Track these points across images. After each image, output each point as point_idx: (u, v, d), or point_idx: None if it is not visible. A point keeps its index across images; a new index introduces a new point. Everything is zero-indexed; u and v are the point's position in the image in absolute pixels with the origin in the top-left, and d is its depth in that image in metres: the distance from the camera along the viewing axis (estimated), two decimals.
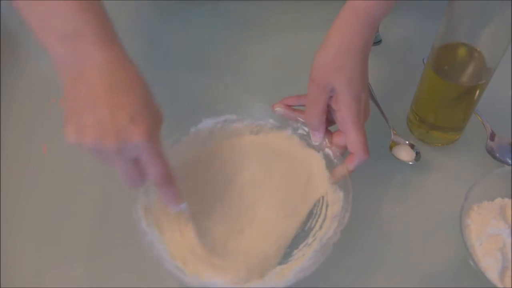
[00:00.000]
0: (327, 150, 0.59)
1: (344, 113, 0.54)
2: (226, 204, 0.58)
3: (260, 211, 0.58)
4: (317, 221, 0.57)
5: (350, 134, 0.54)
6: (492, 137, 0.64)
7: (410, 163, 0.62)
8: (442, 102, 0.60)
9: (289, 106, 0.61)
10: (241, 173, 0.60)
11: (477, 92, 0.57)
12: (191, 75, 0.73)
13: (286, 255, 0.55)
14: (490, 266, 0.51)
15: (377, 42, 0.75)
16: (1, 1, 0.81)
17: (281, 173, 0.60)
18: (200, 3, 0.82)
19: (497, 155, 0.63)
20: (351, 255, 0.55)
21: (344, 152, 0.58)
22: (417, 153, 0.63)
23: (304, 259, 0.53)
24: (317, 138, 0.58)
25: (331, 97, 0.55)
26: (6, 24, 0.81)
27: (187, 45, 0.77)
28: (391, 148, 0.64)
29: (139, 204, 0.54)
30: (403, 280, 0.56)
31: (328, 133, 0.59)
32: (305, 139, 0.61)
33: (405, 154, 0.63)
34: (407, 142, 0.64)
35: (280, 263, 0.54)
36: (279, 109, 0.61)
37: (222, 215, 0.57)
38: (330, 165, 0.59)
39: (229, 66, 0.75)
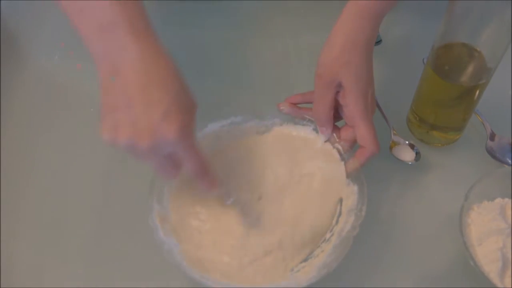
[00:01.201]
0: (336, 145, 0.59)
1: (352, 108, 0.54)
2: (256, 203, 0.58)
3: (288, 207, 0.57)
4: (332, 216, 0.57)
5: (359, 128, 0.55)
6: (492, 137, 0.64)
7: (410, 163, 0.62)
8: (442, 102, 0.60)
9: (294, 104, 0.61)
10: (263, 171, 0.60)
11: (477, 92, 0.57)
12: (192, 77, 0.73)
13: None
14: (490, 266, 0.51)
15: (377, 42, 0.75)
16: (1, 1, 0.81)
17: (302, 168, 0.60)
18: (201, 4, 0.82)
19: (497, 155, 0.63)
20: (350, 255, 0.55)
21: (353, 147, 0.58)
22: (417, 153, 0.63)
23: (324, 255, 0.53)
24: (325, 133, 0.59)
25: (337, 92, 0.56)
26: (6, 24, 0.81)
27: (187, 47, 0.77)
28: (391, 148, 0.64)
29: (155, 213, 0.54)
30: (403, 280, 0.56)
31: (336, 128, 0.59)
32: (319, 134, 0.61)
33: (405, 154, 0.63)
34: (407, 142, 0.64)
35: (300, 261, 0.54)
36: (284, 108, 0.61)
37: (251, 215, 0.57)
38: (341, 159, 0.59)
39: (232, 67, 0.75)
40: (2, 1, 0.81)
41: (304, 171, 0.60)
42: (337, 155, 0.59)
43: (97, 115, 0.69)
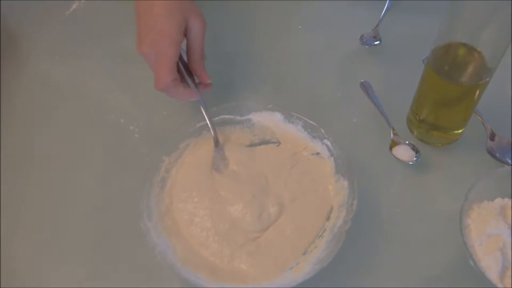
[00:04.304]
0: (325, 141, 0.59)
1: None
2: (246, 204, 0.57)
3: (281, 207, 0.58)
4: None
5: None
6: (492, 137, 0.64)
7: (410, 163, 0.62)
8: (442, 102, 0.60)
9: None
10: (257, 171, 0.60)
11: (477, 92, 0.57)
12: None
13: None
14: (490, 266, 0.51)
15: (377, 42, 0.75)
16: (1, 1, 0.81)
17: (292, 166, 0.61)
18: (199, 3, 0.82)
19: (497, 155, 0.63)
20: (351, 255, 0.55)
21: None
22: (417, 153, 0.63)
23: (318, 251, 0.53)
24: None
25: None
26: (6, 24, 0.81)
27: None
28: (391, 148, 0.64)
29: (145, 216, 0.54)
30: (403, 280, 0.56)
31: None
32: (307, 131, 0.62)
33: (405, 154, 0.63)
34: (407, 142, 0.64)
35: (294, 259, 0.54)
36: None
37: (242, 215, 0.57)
38: (330, 155, 0.60)
39: (227, 67, 0.75)
40: (2, 1, 0.81)
41: (292, 169, 0.60)
42: (326, 152, 0.60)
43: (97, 115, 0.69)
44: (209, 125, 0.61)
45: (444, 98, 0.60)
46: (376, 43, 0.75)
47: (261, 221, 0.56)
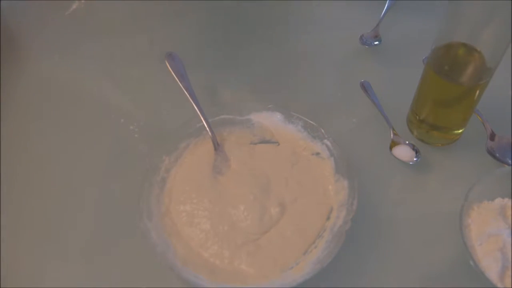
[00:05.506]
0: (325, 141, 0.60)
1: None
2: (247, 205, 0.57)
3: (280, 206, 0.58)
4: None
5: None
6: (492, 137, 0.64)
7: (410, 163, 0.62)
8: (442, 102, 0.60)
9: None
10: (258, 170, 0.60)
11: (477, 92, 0.57)
12: (189, 75, 0.73)
13: None
14: (490, 266, 0.51)
15: (377, 42, 0.75)
16: (1, 1, 0.81)
17: (293, 165, 0.61)
18: (199, 3, 0.82)
19: (497, 155, 0.63)
20: (350, 255, 0.55)
21: None
22: (417, 153, 0.63)
23: (318, 251, 0.53)
24: None
25: None
26: (6, 24, 0.81)
27: (186, 45, 0.77)
28: (391, 148, 0.64)
29: (145, 216, 0.54)
30: (403, 280, 0.56)
31: None
32: (307, 131, 0.62)
33: (405, 154, 0.63)
34: (407, 142, 0.64)
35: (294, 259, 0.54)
36: None
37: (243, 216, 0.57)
38: (330, 155, 0.60)
39: (227, 67, 0.75)
40: (2, 1, 0.81)
41: (293, 168, 0.60)
42: (326, 152, 0.60)
43: (97, 115, 0.69)
44: (207, 127, 0.61)
45: (444, 98, 0.60)
46: (376, 43, 0.75)
47: (263, 223, 0.56)
